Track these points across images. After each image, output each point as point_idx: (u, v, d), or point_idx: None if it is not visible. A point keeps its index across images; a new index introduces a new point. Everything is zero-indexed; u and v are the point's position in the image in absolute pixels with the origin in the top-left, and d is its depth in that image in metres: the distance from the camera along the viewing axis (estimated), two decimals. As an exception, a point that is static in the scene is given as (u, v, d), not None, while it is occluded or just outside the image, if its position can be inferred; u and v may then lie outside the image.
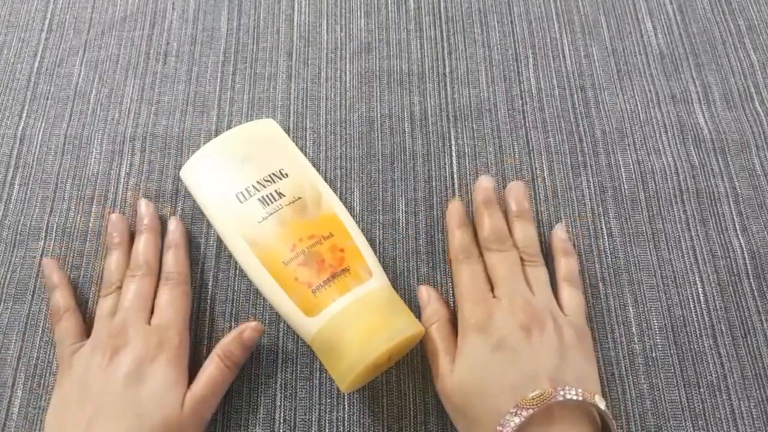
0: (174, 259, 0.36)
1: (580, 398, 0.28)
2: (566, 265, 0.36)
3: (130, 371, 0.30)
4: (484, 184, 0.37)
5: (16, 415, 0.34)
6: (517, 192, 0.37)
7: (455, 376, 0.31)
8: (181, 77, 0.43)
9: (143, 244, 0.36)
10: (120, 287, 0.35)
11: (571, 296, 0.34)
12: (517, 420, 0.28)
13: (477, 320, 0.32)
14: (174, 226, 0.37)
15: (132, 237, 0.37)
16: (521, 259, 0.35)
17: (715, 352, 0.35)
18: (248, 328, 0.34)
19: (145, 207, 0.38)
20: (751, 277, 0.37)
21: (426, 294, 0.35)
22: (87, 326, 0.35)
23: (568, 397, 0.28)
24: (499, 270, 0.34)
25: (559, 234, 0.37)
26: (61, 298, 0.35)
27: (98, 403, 0.30)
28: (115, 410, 0.29)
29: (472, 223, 0.37)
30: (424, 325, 0.34)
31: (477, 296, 0.33)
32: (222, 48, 0.45)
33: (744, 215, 0.39)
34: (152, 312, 0.34)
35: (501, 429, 0.28)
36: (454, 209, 0.37)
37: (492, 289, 0.34)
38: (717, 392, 0.34)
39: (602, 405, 0.29)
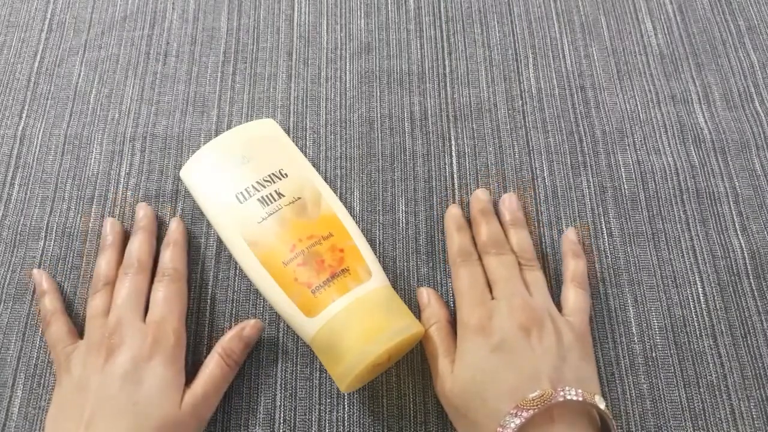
0: (171, 256, 0.36)
1: (580, 398, 0.28)
2: (575, 266, 0.36)
3: (126, 371, 0.30)
4: (480, 196, 0.38)
5: (16, 415, 0.34)
6: (510, 203, 0.38)
7: (455, 377, 0.31)
8: (181, 77, 0.43)
9: (137, 242, 0.36)
10: (109, 285, 0.35)
11: (576, 297, 0.34)
12: (517, 421, 0.27)
13: (476, 322, 0.32)
14: (175, 225, 0.37)
15: (126, 240, 0.37)
16: (518, 263, 0.35)
17: (715, 352, 0.35)
18: (248, 326, 0.34)
19: (143, 210, 0.38)
20: (751, 277, 0.37)
21: (426, 295, 0.35)
22: (79, 328, 0.35)
23: (569, 397, 0.28)
24: (498, 272, 0.34)
25: (570, 237, 0.37)
26: (49, 302, 0.35)
27: (97, 403, 0.30)
28: (113, 410, 0.29)
29: (470, 228, 0.37)
30: (424, 326, 0.34)
31: (476, 298, 0.33)
32: (222, 48, 0.45)
33: (744, 215, 0.39)
34: (147, 309, 0.34)
35: (501, 430, 0.28)
36: (452, 214, 0.38)
37: (491, 291, 0.34)
38: (717, 392, 0.34)
39: (602, 405, 0.29)
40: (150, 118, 0.42)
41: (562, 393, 0.28)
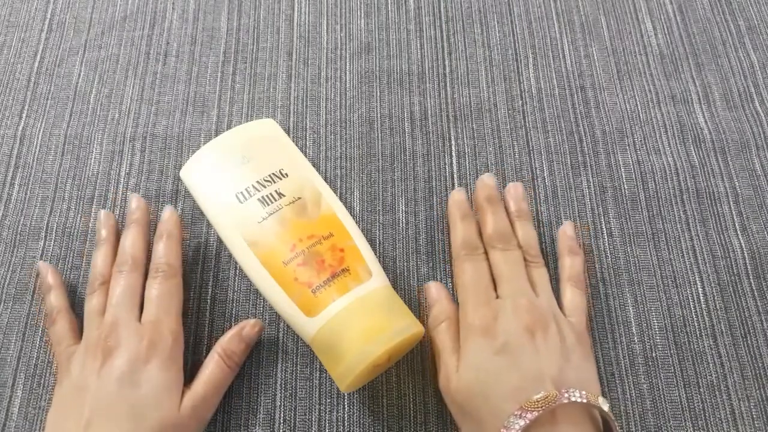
0: (165, 250, 0.34)
1: (585, 400, 0.28)
2: (571, 265, 0.35)
3: (124, 374, 0.30)
4: (486, 181, 0.37)
5: (16, 415, 0.34)
6: (515, 193, 0.37)
7: (459, 376, 0.31)
8: (181, 77, 0.43)
9: (130, 238, 0.35)
10: (105, 284, 0.34)
11: (573, 297, 0.34)
12: (521, 422, 0.27)
13: (481, 323, 0.32)
14: (168, 215, 0.36)
15: (120, 233, 0.36)
16: (524, 259, 0.35)
17: (715, 352, 0.35)
18: (248, 325, 0.34)
19: (135, 201, 0.36)
20: (751, 277, 0.37)
21: (435, 291, 0.35)
22: (81, 328, 0.35)
23: (573, 399, 0.28)
24: (503, 269, 0.34)
25: (568, 231, 0.37)
26: (54, 299, 0.35)
27: (95, 405, 0.29)
28: (112, 412, 0.29)
29: (474, 215, 0.37)
30: (432, 323, 0.34)
31: (480, 297, 0.33)
32: (222, 48, 0.45)
33: (744, 215, 0.39)
34: (142, 306, 0.33)
35: (505, 431, 0.28)
36: (456, 201, 0.36)
37: (495, 287, 0.34)
38: (717, 392, 0.34)
39: (605, 407, 0.29)
40: (150, 118, 0.42)
41: (566, 395, 0.28)
